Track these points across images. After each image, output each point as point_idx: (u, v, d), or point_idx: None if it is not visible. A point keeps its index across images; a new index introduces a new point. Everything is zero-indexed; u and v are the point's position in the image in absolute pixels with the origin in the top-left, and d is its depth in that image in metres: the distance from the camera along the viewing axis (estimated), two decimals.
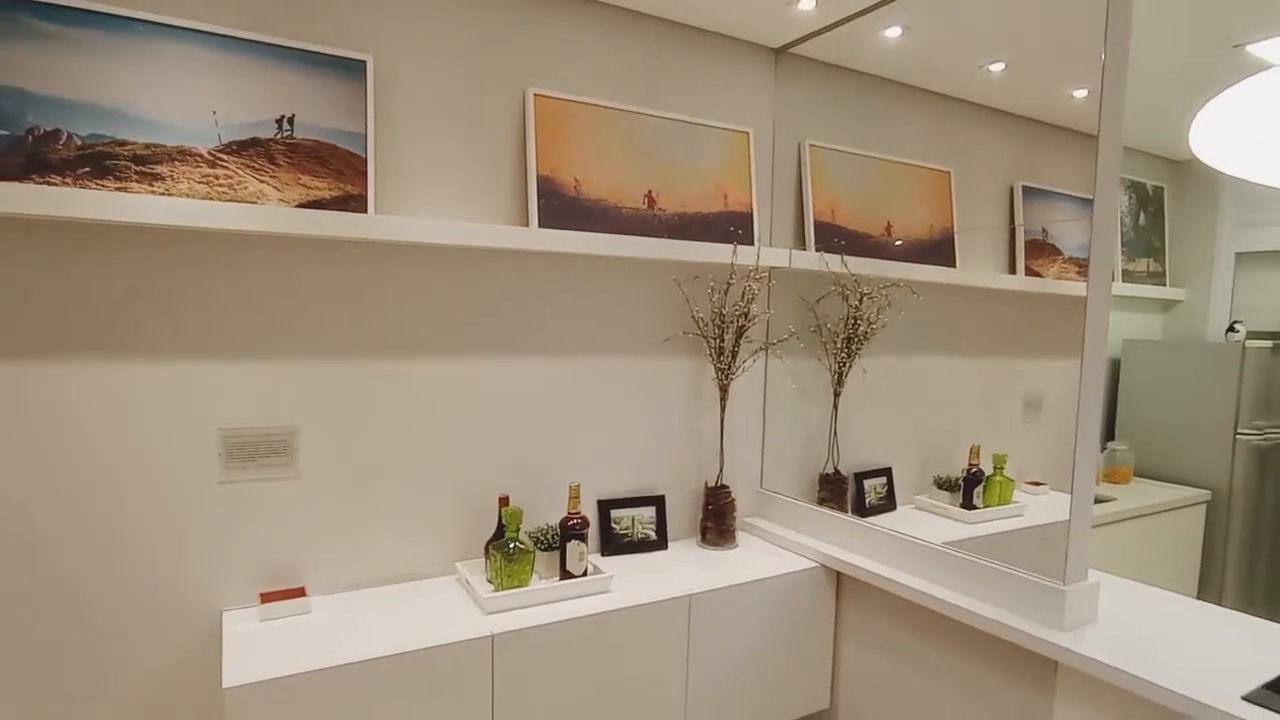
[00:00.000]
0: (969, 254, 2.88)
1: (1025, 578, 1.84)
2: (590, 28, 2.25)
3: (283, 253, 1.90)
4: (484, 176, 2.12)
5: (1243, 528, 3.39)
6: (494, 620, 1.85)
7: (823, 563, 2.32)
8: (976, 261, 2.88)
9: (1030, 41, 2.42)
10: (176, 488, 1.81)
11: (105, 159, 1.67)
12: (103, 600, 1.75)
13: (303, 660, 1.63)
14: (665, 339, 2.43)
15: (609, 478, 2.38)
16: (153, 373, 1.77)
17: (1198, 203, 3.85)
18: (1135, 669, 1.57)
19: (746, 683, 2.20)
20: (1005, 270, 3.08)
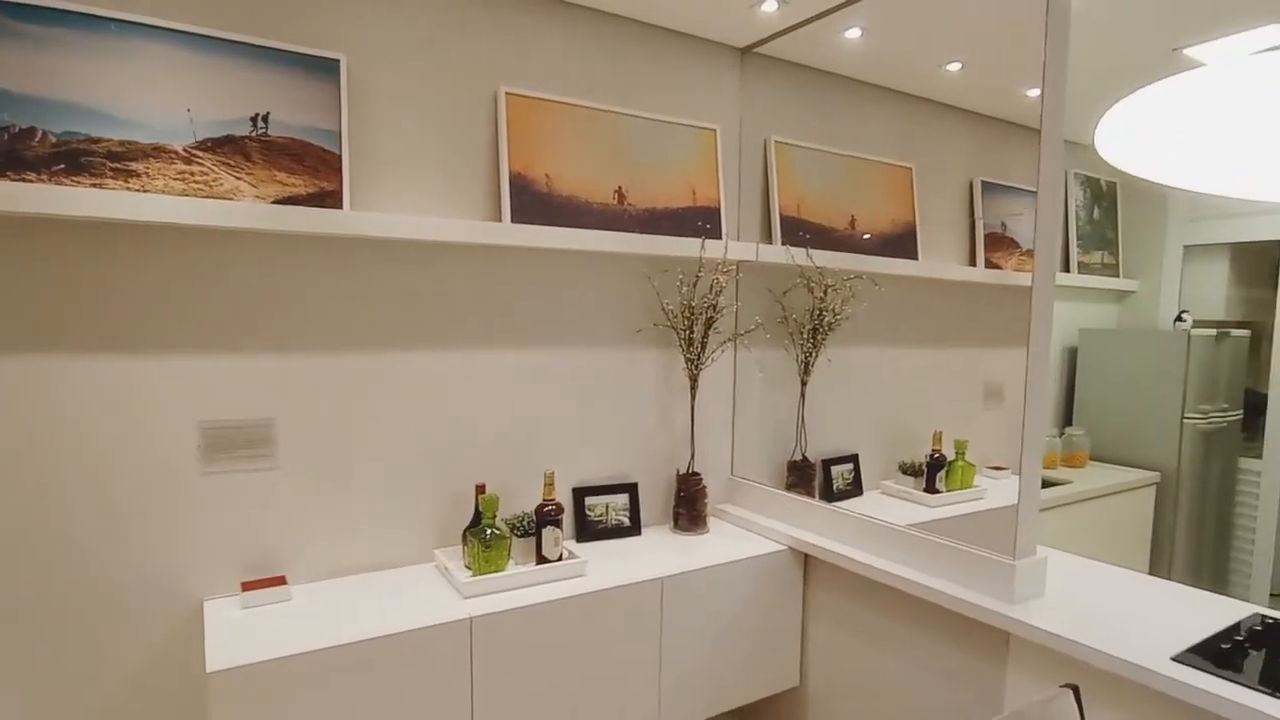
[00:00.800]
0: (931, 247, 2.98)
1: (978, 554, 1.94)
2: (561, 28, 2.30)
3: (260, 249, 1.93)
4: (457, 173, 2.17)
5: (1189, 507, 3.55)
6: (472, 604, 1.90)
7: (791, 545, 2.40)
8: (938, 254, 2.98)
9: (984, 43, 2.52)
10: (158, 480, 1.84)
11: (80, 156, 1.69)
12: (87, 590, 1.78)
13: (283, 645, 1.67)
14: (637, 331, 2.50)
15: (583, 466, 2.45)
16: (133, 367, 1.80)
17: (1148, 198, 4.00)
18: (1076, 636, 1.67)
19: (718, 662, 2.28)
20: (966, 262, 3.19)
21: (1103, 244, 3.95)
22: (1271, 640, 1.66)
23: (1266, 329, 3.61)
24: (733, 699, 2.32)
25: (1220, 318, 3.96)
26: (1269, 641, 1.66)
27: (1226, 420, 3.65)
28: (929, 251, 2.97)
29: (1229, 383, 3.68)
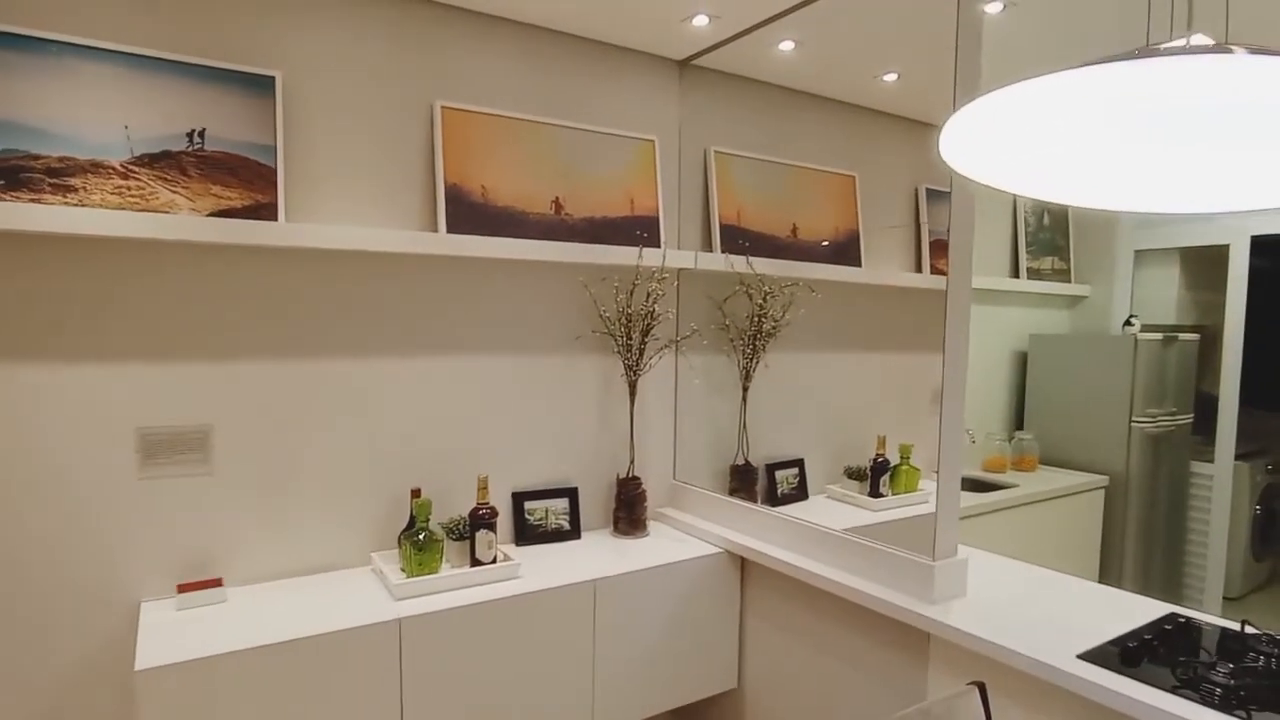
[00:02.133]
0: (875, 254, 3.04)
1: (900, 555, 1.99)
2: (497, 43, 2.37)
3: (197, 260, 1.99)
4: (394, 185, 2.23)
5: (1139, 510, 3.59)
6: (402, 606, 1.95)
7: (727, 549, 2.45)
8: (883, 261, 3.04)
9: (916, 55, 2.58)
10: (95, 484, 1.90)
11: (19, 172, 1.75)
12: (23, 592, 1.83)
13: (214, 644, 1.72)
14: (575, 338, 2.56)
15: (523, 471, 2.50)
16: (71, 375, 1.86)
17: None
18: (988, 635, 1.71)
19: (654, 663, 2.32)
20: (912, 268, 3.26)
21: (1053, 250, 4.01)
22: (1178, 639, 1.71)
23: (1218, 332, 3.67)
24: (669, 700, 2.36)
25: (1172, 321, 4.02)
26: (1176, 640, 1.70)
27: (1175, 424, 3.70)
28: (874, 258, 3.03)
29: (1177, 386, 3.73)
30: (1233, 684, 1.44)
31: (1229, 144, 0.90)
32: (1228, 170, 0.95)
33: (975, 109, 0.91)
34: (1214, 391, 3.72)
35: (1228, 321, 3.57)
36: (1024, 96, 0.87)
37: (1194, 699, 1.42)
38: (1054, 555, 3.42)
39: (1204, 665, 1.51)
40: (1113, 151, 1.01)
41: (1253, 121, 0.85)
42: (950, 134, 0.97)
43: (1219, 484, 3.65)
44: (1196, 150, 0.93)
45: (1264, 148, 0.91)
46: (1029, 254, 3.87)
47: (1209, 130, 0.88)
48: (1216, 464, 3.65)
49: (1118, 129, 0.91)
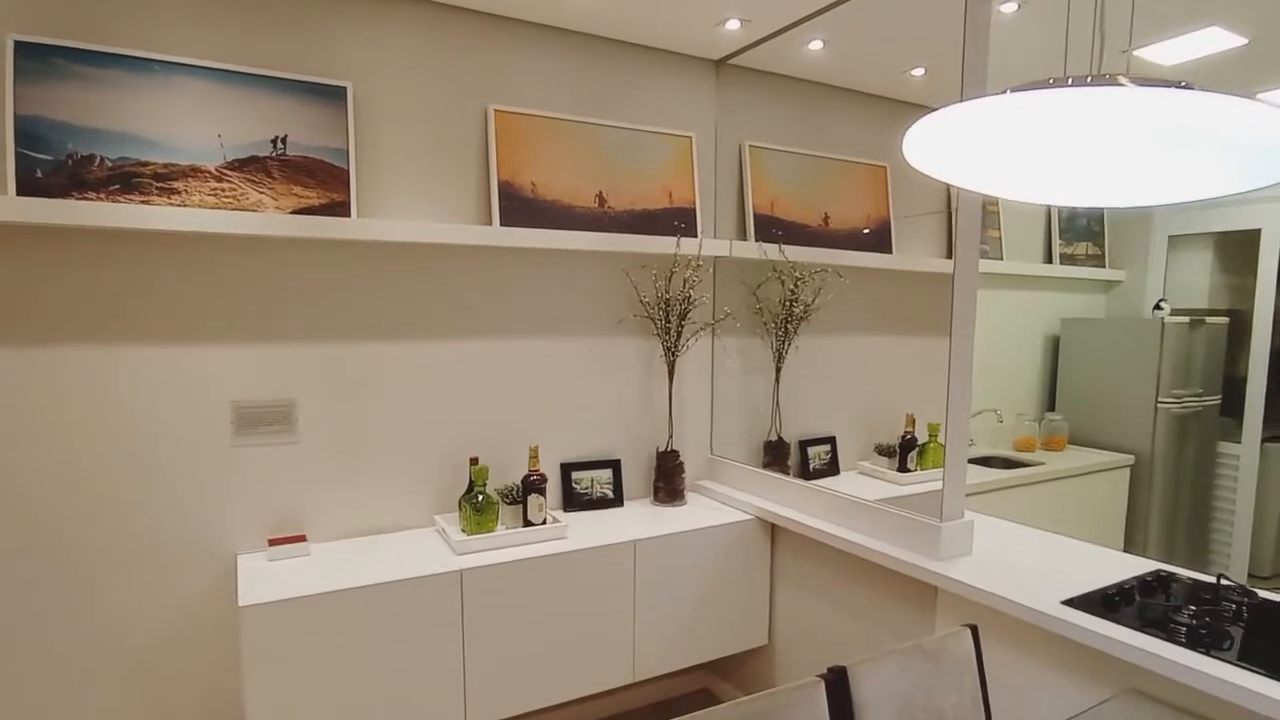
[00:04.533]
0: (907, 240, 3.17)
1: (911, 518, 2.16)
2: (545, 48, 2.57)
3: (282, 253, 2.25)
4: (452, 182, 2.46)
5: (1163, 488, 3.67)
6: (463, 560, 2.19)
7: (758, 515, 2.64)
8: (915, 247, 3.17)
9: (941, 52, 2.70)
10: (196, 452, 2.17)
11: (131, 178, 2.02)
12: (139, 545, 2.12)
13: (302, 588, 1.98)
14: (618, 321, 2.76)
15: (571, 443, 2.72)
16: (174, 355, 2.13)
17: None
18: (983, 585, 1.88)
19: (689, 619, 2.53)
20: (943, 254, 3.38)
21: (1087, 235, 4.08)
22: (1158, 589, 1.86)
23: (1250, 316, 3.71)
24: (704, 653, 2.57)
25: (1204, 306, 4.05)
26: (1155, 590, 1.85)
27: (1201, 405, 3.76)
28: (906, 245, 3.16)
29: (1205, 368, 3.78)
30: (1195, 624, 1.60)
31: (1126, 152, 1.08)
32: (1123, 174, 1.12)
33: (930, 120, 1.09)
34: (1245, 374, 3.76)
35: (1258, 305, 3.61)
36: (965, 112, 1.05)
37: (1160, 636, 1.58)
38: (1080, 531, 3.52)
39: (1173, 609, 1.66)
40: (1033, 155, 1.18)
41: (1141, 136, 1.03)
42: (910, 138, 1.15)
43: (1245, 464, 3.70)
44: (1099, 157, 1.11)
45: (1153, 157, 1.08)
46: (1063, 240, 3.95)
47: (1106, 142, 1.06)
48: (1244, 444, 3.70)
49: (1034, 138, 1.09)
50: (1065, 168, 1.13)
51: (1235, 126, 0.93)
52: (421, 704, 2.10)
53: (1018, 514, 3.28)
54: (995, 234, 3.65)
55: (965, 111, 1.03)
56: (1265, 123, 0.91)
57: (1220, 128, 0.95)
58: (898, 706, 1.62)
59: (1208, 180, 1.07)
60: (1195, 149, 1.02)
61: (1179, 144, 1.01)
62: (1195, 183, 1.08)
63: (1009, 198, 1.24)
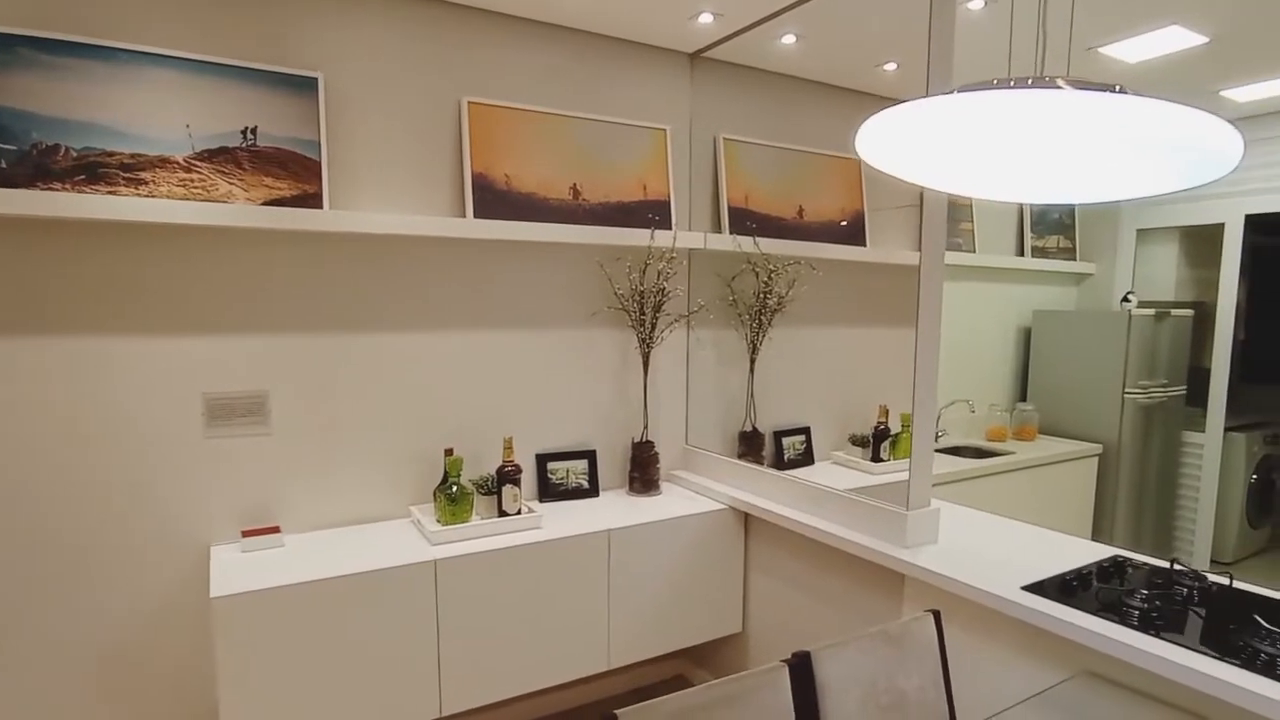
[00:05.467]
0: (882, 233, 3.21)
1: (879, 506, 2.20)
2: (519, 41, 2.58)
3: (253, 244, 2.24)
4: (425, 174, 2.46)
5: (1130, 477, 3.75)
6: (437, 550, 2.21)
7: (731, 505, 2.67)
8: (889, 240, 3.21)
9: (912, 47, 2.73)
10: (169, 443, 2.17)
11: (98, 168, 2.01)
12: (110, 536, 2.11)
13: (275, 579, 1.99)
14: (592, 313, 2.78)
15: (546, 434, 2.74)
16: (145, 347, 2.12)
17: None
18: (946, 571, 1.92)
19: (665, 608, 2.56)
20: (918, 247, 3.41)
21: (1058, 229, 4.14)
22: (1114, 574, 1.91)
23: (1214, 308, 3.79)
24: (678, 640, 2.61)
25: (1171, 298, 4.14)
26: (1112, 575, 1.90)
27: (1166, 395, 3.84)
28: (880, 238, 3.19)
29: (1170, 359, 3.86)
30: (1146, 608, 1.65)
31: (1069, 151, 1.11)
32: (1066, 171, 1.16)
33: (879, 118, 1.12)
34: (1210, 365, 3.85)
35: (1221, 297, 3.69)
36: (912, 111, 1.08)
37: (1113, 620, 1.63)
38: (1050, 519, 3.60)
39: (1127, 593, 1.71)
40: (980, 152, 1.21)
41: (1074, 136, 1.06)
42: (863, 135, 1.17)
43: (1209, 453, 3.79)
44: (1043, 155, 1.14)
45: (1083, 155, 1.12)
46: (1034, 233, 4.01)
47: (1050, 140, 1.09)
48: (1207, 434, 3.78)
49: (981, 136, 1.12)
50: (1011, 165, 1.16)
51: (1166, 128, 0.97)
52: (396, 693, 2.12)
53: (989, 503, 3.35)
54: (967, 227, 3.70)
55: (912, 110, 1.05)
56: (1194, 125, 0.95)
57: (1154, 129, 0.98)
58: (861, 689, 1.66)
59: (1146, 179, 1.10)
60: (1133, 149, 1.05)
61: (1118, 144, 1.05)
62: (1133, 181, 1.11)
63: (954, 193, 1.28)
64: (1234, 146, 1.00)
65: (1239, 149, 1.00)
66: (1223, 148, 1.00)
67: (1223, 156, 1.01)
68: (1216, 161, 1.03)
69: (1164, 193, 1.10)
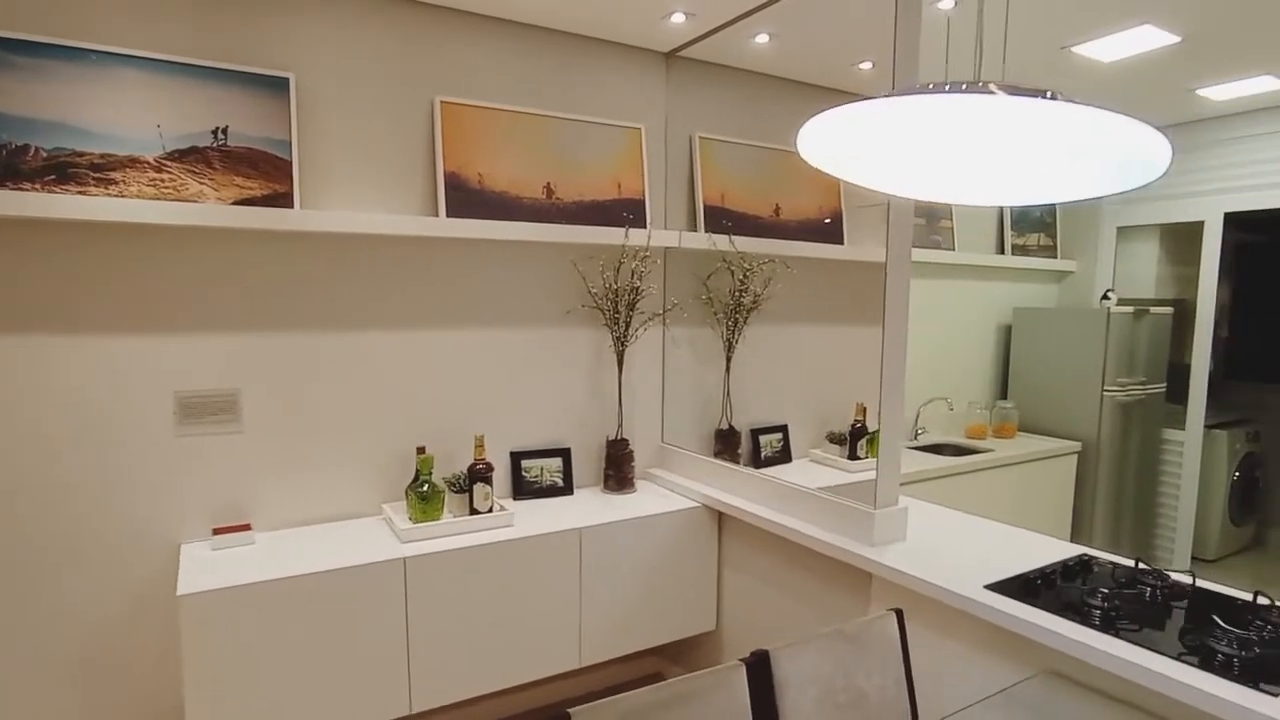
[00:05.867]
0: (860, 231, 3.21)
1: (847, 505, 2.21)
2: (493, 40, 2.58)
3: (224, 244, 2.25)
4: (398, 174, 2.46)
5: (1109, 474, 3.76)
6: (408, 548, 2.22)
7: (705, 504, 2.69)
8: (867, 238, 3.21)
9: (888, 44, 2.74)
10: (140, 441, 2.17)
11: (68, 168, 2.01)
12: (80, 534, 2.12)
13: (243, 576, 2.00)
14: (566, 312, 2.79)
15: (520, 432, 2.75)
16: (116, 346, 2.13)
17: None
18: (910, 570, 1.94)
19: (638, 605, 2.57)
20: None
21: (1039, 226, 4.15)
22: (1079, 573, 1.92)
23: (1194, 305, 3.79)
24: (652, 638, 2.62)
25: (1151, 295, 4.15)
26: (1077, 574, 1.91)
27: (1145, 393, 3.85)
28: (859, 236, 3.20)
29: (1149, 357, 3.87)
30: (1106, 607, 1.66)
31: (993, 154, 1.12)
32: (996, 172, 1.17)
33: (818, 120, 1.12)
34: (1190, 362, 3.86)
35: (1200, 295, 3.70)
36: (849, 114, 1.09)
37: (1074, 619, 1.64)
38: (1029, 516, 3.61)
39: (1088, 593, 1.72)
40: (913, 153, 1.22)
41: (1009, 139, 1.07)
42: (803, 137, 1.18)
43: (1189, 450, 3.80)
44: (971, 156, 1.15)
45: (1016, 158, 1.13)
46: (1015, 231, 4.02)
47: (980, 143, 1.10)
48: (1187, 431, 3.79)
49: (916, 138, 1.13)
50: (948, 166, 1.17)
51: (1097, 134, 0.97)
52: (365, 691, 2.13)
53: (967, 501, 3.36)
54: (947, 225, 3.71)
55: (850, 113, 1.06)
56: (1123, 132, 0.95)
57: (1085, 134, 0.99)
58: (820, 688, 1.67)
59: (1079, 183, 1.11)
60: (1067, 153, 1.06)
61: (1052, 148, 1.06)
62: (1067, 185, 1.12)
63: (893, 194, 1.28)
64: (1162, 153, 1.01)
65: (1167, 155, 1.01)
66: (1151, 154, 1.01)
67: (1151, 162, 1.02)
68: (1145, 167, 1.03)
69: (1095, 196, 1.10)
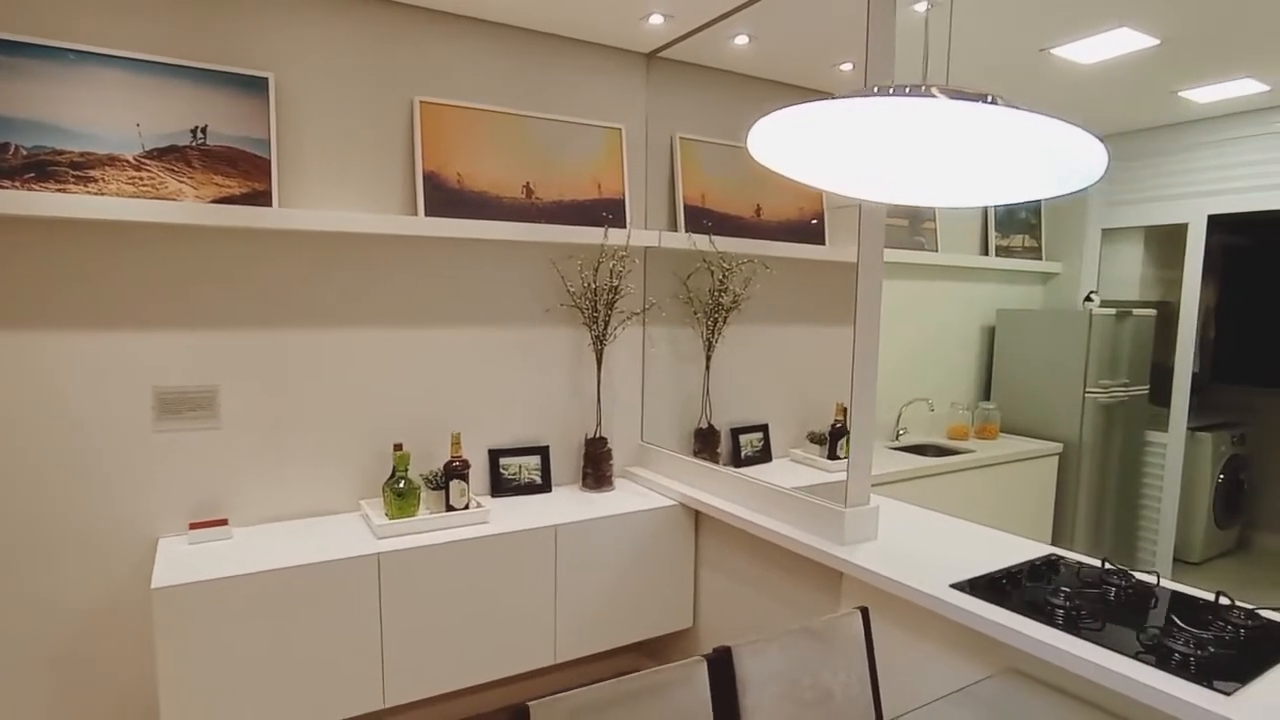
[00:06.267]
0: (841, 231, 3.22)
1: (818, 504, 2.22)
2: (473, 41, 2.60)
3: (203, 242, 2.27)
4: (377, 173, 2.48)
5: (1090, 476, 3.77)
6: (382, 544, 2.24)
7: (682, 502, 2.70)
8: (849, 239, 3.22)
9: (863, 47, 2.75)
10: (118, 437, 2.20)
11: (47, 166, 2.03)
12: (59, 528, 2.14)
13: (217, 570, 2.02)
14: (545, 310, 2.81)
15: (499, 430, 2.77)
16: (94, 342, 2.15)
17: None
18: (877, 569, 1.95)
19: (614, 602, 2.59)
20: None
21: (1024, 228, 4.16)
22: (1046, 573, 1.94)
23: (1179, 307, 3.81)
24: (627, 635, 2.64)
25: (1135, 297, 4.16)
26: (1043, 574, 1.93)
27: (1128, 394, 3.87)
28: (840, 236, 3.21)
29: (1132, 359, 3.88)
30: (1068, 606, 1.68)
31: (939, 156, 1.14)
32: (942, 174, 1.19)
33: (767, 121, 1.14)
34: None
35: (1184, 297, 3.71)
36: (799, 114, 1.10)
37: (1036, 618, 1.66)
38: (1011, 517, 3.62)
39: (1052, 592, 1.74)
40: (861, 154, 1.23)
41: (951, 141, 1.09)
42: (754, 136, 1.20)
43: (1172, 452, 3.82)
44: (916, 158, 1.17)
45: (958, 160, 1.15)
46: (999, 233, 4.03)
47: (924, 144, 1.12)
48: (1170, 433, 3.81)
49: (860, 138, 1.15)
50: (896, 167, 1.18)
51: (1037, 138, 0.99)
52: (338, 685, 2.15)
53: (948, 502, 3.38)
54: (930, 226, 3.72)
55: (797, 115, 1.08)
56: (1060, 137, 0.97)
57: (1025, 138, 1.00)
58: (782, 685, 1.69)
59: (1021, 185, 1.12)
60: (1008, 156, 1.08)
61: (995, 151, 1.07)
62: (1010, 187, 1.14)
63: (843, 194, 1.30)
64: (1098, 158, 1.02)
65: (1103, 160, 1.03)
66: (1088, 158, 1.02)
67: (1088, 167, 1.04)
68: (1083, 172, 1.05)
69: (1034, 199, 1.12)
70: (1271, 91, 3.26)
